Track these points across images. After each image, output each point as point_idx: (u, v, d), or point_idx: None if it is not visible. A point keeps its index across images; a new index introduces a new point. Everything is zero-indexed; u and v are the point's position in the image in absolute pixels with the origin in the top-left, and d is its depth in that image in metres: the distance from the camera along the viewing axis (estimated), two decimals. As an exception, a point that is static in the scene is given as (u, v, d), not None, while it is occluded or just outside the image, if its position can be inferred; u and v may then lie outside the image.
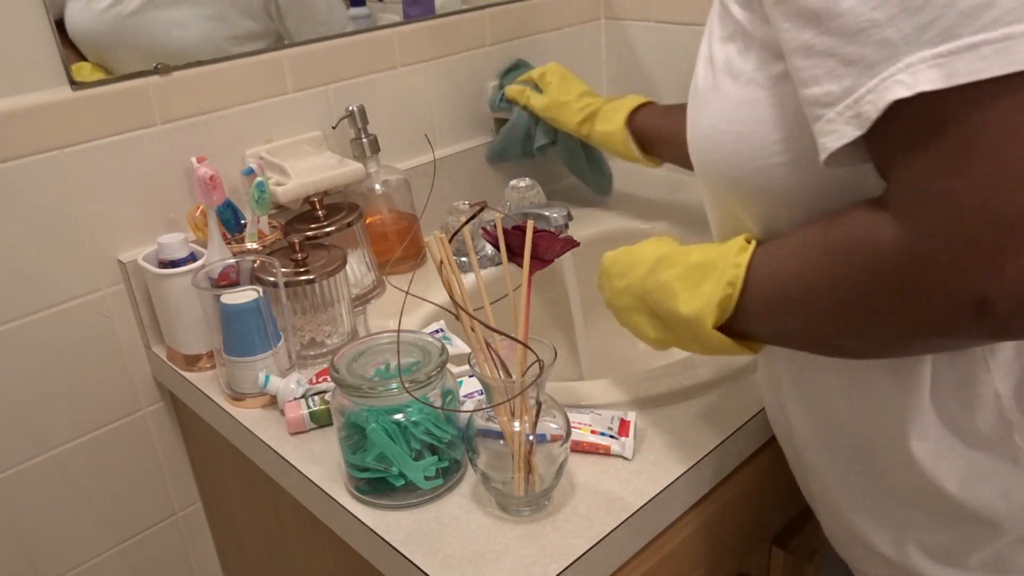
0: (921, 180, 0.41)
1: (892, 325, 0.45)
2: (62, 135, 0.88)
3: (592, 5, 1.33)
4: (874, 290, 0.44)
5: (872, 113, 0.40)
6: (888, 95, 0.39)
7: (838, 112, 0.42)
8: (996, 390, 0.51)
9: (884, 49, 0.40)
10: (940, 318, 0.42)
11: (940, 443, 0.54)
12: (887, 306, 0.44)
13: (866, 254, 0.44)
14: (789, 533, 0.89)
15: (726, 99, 0.53)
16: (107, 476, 1.01)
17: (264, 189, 0.91)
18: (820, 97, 0.43)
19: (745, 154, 0.52)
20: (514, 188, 1.11)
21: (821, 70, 0.43)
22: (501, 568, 0.63)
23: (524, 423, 0.65)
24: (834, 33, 0.42)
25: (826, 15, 0.42)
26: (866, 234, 0.44)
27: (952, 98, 0.38)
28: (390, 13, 1.12)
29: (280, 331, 0.86)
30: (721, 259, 0.55)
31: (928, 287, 0.41)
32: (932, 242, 0.40)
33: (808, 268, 0.49)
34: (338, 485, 0.73)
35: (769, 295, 0.53)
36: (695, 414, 0.78)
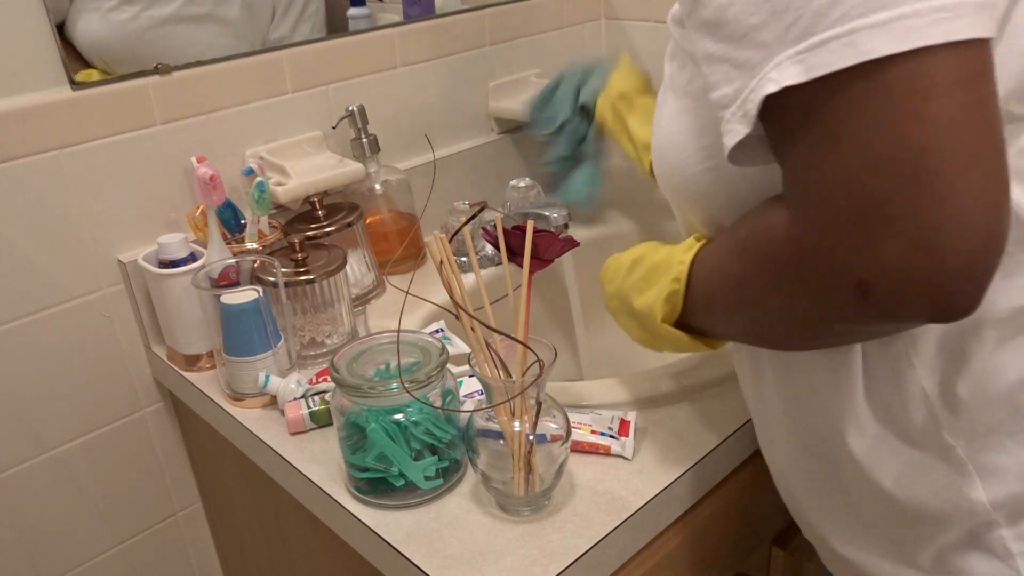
0: (798, 171, 0.43)
1: (794, 313, 0.47)
2: (62, 135, 0.88)
3: (592, 5, 1.33)
4: (773, 280, 0.47)
5: (753, 110, 0.43)
6: (761, 92, 0.42)
7: (731, 112, 0.44)
8: (923, 387, 0.52)
9: (761, 50, 0.42)
10: (829, 304, 0.44)
11: (876, 439, 0.54)
12: (786, 295, 0.46)
13: (763, 246, 0.47)
14: (789, 533, 0.89)
15: (667, 111, 0.57)
16: (107, 476, 1.01)
17: (264, 189, 0.91)
18: (719, 100, 0.45)
19: (680, 162, 0.56)
20: (514, 188, 1.11)
21: (719, 75, 0.45)
22: (501, 568, 0.63)
23: (524, 423, 0.65)
24: (725, 40, 0.44)
25: (718, 24, 0.45)
26: (764, 227, 0.47)
27: (813, 91, 0.40)
28: (390, 13, 1.12)
29: (280, 331, 0.86)
30: (672, 257, 0.59)
31: (814, 274, 0.43)
32: (812, 230, 0.42)
33: (726, 262, 0.53)
34: (338, 485, 0.73)
35: (703, 290, 0.57)
36: (695, 414, 0.78)
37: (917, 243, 0.38)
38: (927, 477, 0.53)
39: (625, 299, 0.65)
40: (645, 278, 0.63)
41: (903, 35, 0.38)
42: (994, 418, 0.51)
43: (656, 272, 0.61)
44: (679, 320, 0.60)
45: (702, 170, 0.54)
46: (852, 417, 0.54)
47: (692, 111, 0.54)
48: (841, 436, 0.55)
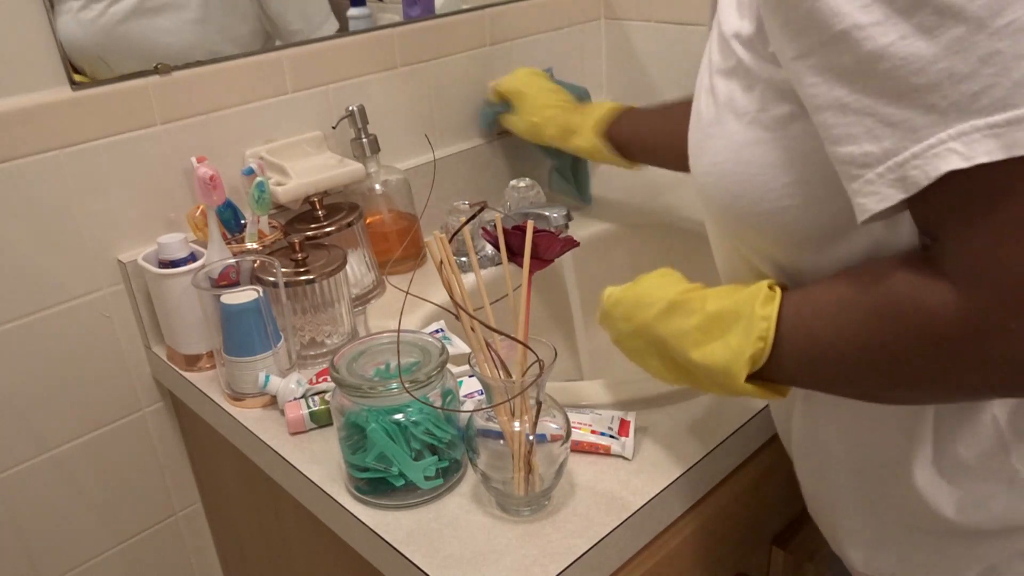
0: (981, 250, 0.40)
1: (950, 387, 0.45)
2: (62, 135, 0.88)
3: (592, 5, 1.33)
4: (928, 356, 0.44)
5: (921, 180, 0.40)
6: (941, 164, 0.39)
7: (879, 174, 0.41)
8: (994, 415, 0.52)
9: (930, 114, 0.39)
10: (1000, 382, 0.42)
11: (939, 471, 0.54)
12: (946, 372, 0.44)
13: (920, 321, 0.43)
14: (789, 533, 0.89)
15: (730, 137, 0.52)
16: (107, 476, 1.01)
17: (264, 189, 0.91)
18: (857, 157, 0.42)
19: (751, 195, 0.52)
20: (514, 188, 1.11)
21: (858, 129, 0.42)
22: (501, 568, 0.63)
23: (524, 423, 0.65)
24: (872, 93, 0.41)
25: (860, 76, 0.41)
26: (918, 300, 0.44)
27: (1012, 168, 0.38)
28: (390, 13, 1.12)
29: (280, 331, 0.86)
30: (745, 309, 0.54)
31: (989, 355, 0.41)
32: (994, 312, 0.40)
33: (851, 329, 0.48)
34: (338, 485, 0.73)
35: (806, 352, 0.51)
36: (695, 414, 0.78)
37: None
38: (991, 503, 0.54)
39: (660, 346, 0.60)
40: (703, 329, 0.56)
41: None
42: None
43: (720, 324, 0.55)
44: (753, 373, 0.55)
45: (786, 207, 0.50)
46: (919, 449, 0.54)
47: (771, 143, 0.50)
48: (905, 468, 0.55)
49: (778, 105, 0.49)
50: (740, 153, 0.52)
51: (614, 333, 0.66)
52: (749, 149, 0.51)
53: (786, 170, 0.49)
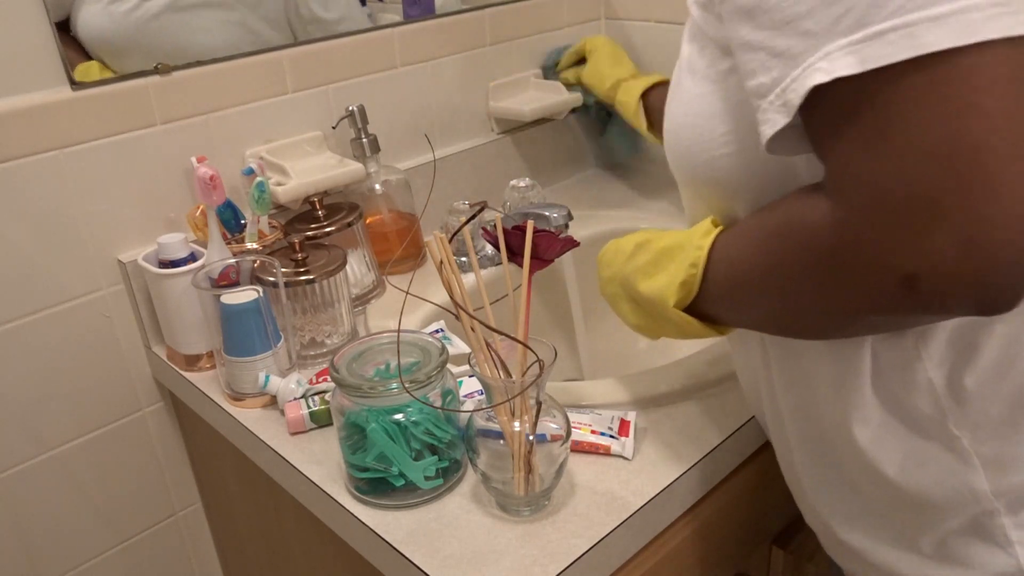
0: (845, 162, 0.42)
1: (831, 304, 0.47)
2: (62, 135, 0.88)
3: (592, 5, 1.33)
4: (811, 270, 0.46)
5: (795, 100, 0.42)
6: (808, 81, 0.42)
7: (770, 102, 0.44)
8: (930, 378, 0.52)
9: (806, 40, 0.42)
10: (872, 295, 0.43)
11: (881, 428, 0.55)
12: (824, 285, 0.46)
13: (802, 235, 0.46)
14: (789, 533, 0.89)
15: (685, 94, 0.56)
16: (107, 476, 1.01)
17: (264, 189, 0.91)
18: (756, 88, 0.45)
19: (697, 146, 0.55)
20: (514, 188, 1.11)
21: (756, 63, 0.45)
22: (501, 568, 0.63)
23: (524, 423, 0.65)
24: (764, 27, 0.44)
25: (757, 11, 0.44)
26: (802, 216, 0.46)
27: (866, 82, 0.40)
28: (390, 13, 1.12)
29: (280, 331, 0.86)
30: (687, 242, 0.58)
31: (858, 265, 0.43)
32: (858, 221, 0.42)
33: (755, 251, 0.52)
34: (338, 485, 0.73)
35: (725, 277, 0.55)
36: (695, 414, 0.78)
37: (969, 237, 0.38)
38: (931, 466, 0.54)
39: (627, 283, 0.64)
40: (653, 262, 0.61)
41: (963, 29, 0.38)
42: (1000, 410, 0.52)
43: (666, 256, 0.60)
44: (690, 306, 0.59)
45: (722, 155, 0.53)
46: (858, 406, 0.55)
47: (713, 95, 0.53)
48: (846, 424, 0.56)
49: (720, 60, 0.53)
50: (690, 106, 0.56)
51: (600, 282, 0.70)
52: (697, 102, 0.55)
53: (723, 119, 0.53)
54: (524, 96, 1.26)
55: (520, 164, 1.28)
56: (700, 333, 0.60)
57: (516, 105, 1.22)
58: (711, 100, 0.53)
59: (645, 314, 0.64)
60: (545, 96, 1.25)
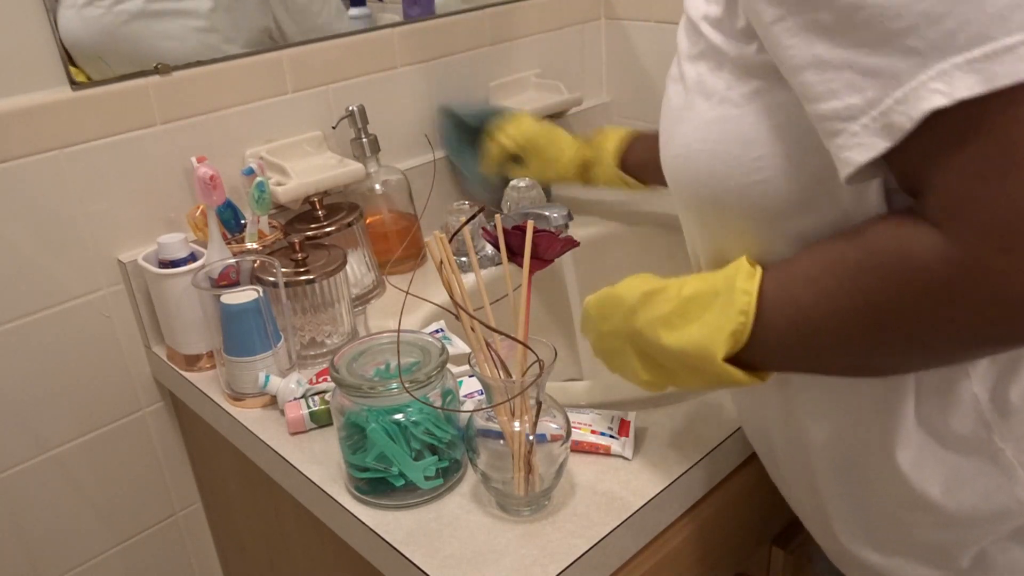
0: (966, 188, 0.40)
1: (942, 338, 0.44)
2: (62, 135, 0.88)
3: (592, 5, 1.33)
4: (921, 305, 0.43)
5: (905, 123, 0.40)
6: (923, 104, 0.39)
7: (863, 125, 0.41)
8: (974, 393, 0.52)
9: (909, 58, 0.39)
10: (996, 326, 0.41)
11: (922, 450, 0.54)
12: (937, 320, 0.43)
13: (908, 270, 0.43)
14: (789, 533, 0.89)
15: (699, 118, 0.53)
16: (107, 476, 1.01)
17: (264, 189, 0.91)
18: (840, 111, 0.42)
19: (721, 172, 0.52)
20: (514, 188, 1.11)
21: (838, 83, 0.42)
22: (501, 568, 0.63)
23: (524, 423, 0.65)
24: (851, 45, 0.41)
25: (839, 29, 0.41)
26: (904, 249, 0.43)
27: (992, 102, 0.38)
28: (390, 13, 1.12)
29: (280, 331, 0.86)
30: (724, 287, 0.53)
31: (982, 295, 0.40)
32: (984, 249, 0.39)
33: (838, 291, 0.47)
34: (338, 485, 0.73)
35: (791, 323, 0.50)
36: (695, 414, 0.78)
37: None
38: (976, 482, 0.53)
39: (639, 336, 0.59)
40: (679, 312, 0.55)
41: None
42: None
43: (697, 304, 0.54)
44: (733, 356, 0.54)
45: (756, 182, 0.50)
46: (900, 430, 0.53)
47: (740, 119, 0.50)
48: (888, 449, 0.54)
49: (746, 82, 0.50)
50: (708, 131, 0.52)
51: (593, 337, 0.65)
52: (717, 127, 0.51)
53: (753, 144, 0.50)
54: (524, 96, 1.26)
55: (520, 164, 1.28)
56: (743, 382, 0.54)
57: (516, 105, 1.22)
58: (736, 124, 0.50)
59: (662, 369, 0.59)
60: (545, 96, 1.25)
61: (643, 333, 0.58)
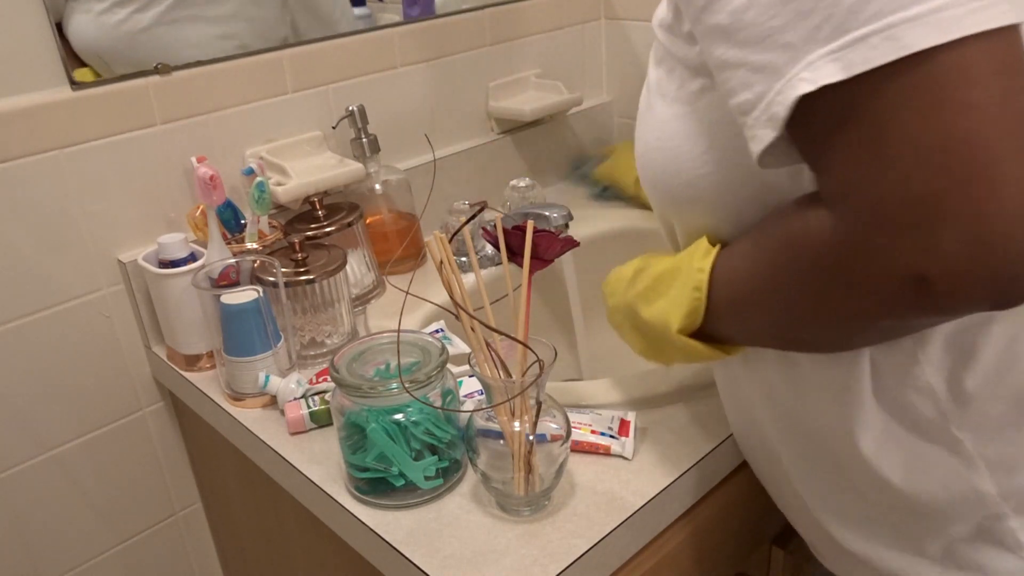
0: (841, 171, 0.42)
1: (840, 313, 0.46)
2: (62, 135, 0.88)
3: (592, 5, 1.33)
4: (817, 281, 0.46)
5: (782, 112, 0.42)
6: (792, 93, 0.41)
7: (755, 117, 0.44)
8: (929, 382, 0.52)
9: (786, 52, 0.42)
10: (883, 301, 0.43)
11: (884, 434, 0.55)
12: (833, 296, 0.46)
13: (804, 247, 0.46)
14: (789, 533, 0.88)
15: (656, 118, 0.56)
16: (107, 476, 1.01)
17: (264, 189, 0.91)
18: (740, 106, 0.45)
19: (672, 168, 0.55)
20: (514, 188, 1.11)
21: (736, 81, 0.45)
22: (501, 568, 0.63)
23: (524, 423, 0.65)
24: (741, 44, 0.44)
25: (733, 28, 0.44)
26: (804, 229, 0.46)
27: (853, 89, 0.40)
28: (390, 13, 1.12)
29: (280, 331, 0.86)
30: (686, 265, 0.57)
31: (867, 273, 0.42)
32: (863, 228, 0.41)
33: (759, 268, 0.51)
34: (338, 485, 0.73)
35: (729, 297, 0.55)
36: (695, 414, 0.78)
37: (976, 233, 0.38)
38: (936, 470, 0.54)
39: (630, 310, 0.63)
40: (652, 288, 0.61)
41: (942, 27, 0.38)
42: (1002, 411, 0.52)
43: (664, 281, 0.59)
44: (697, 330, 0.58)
45: (702, 175, 0.54)
46: (859, 413, 0.55)
47: (687, 116, 0.54)
48: (849, 432, 0.55)
49: (692, 81, 0.53)
50: (663, 129, 0.56)
51: (607, 312, 0.68)
52: (670, 124, 0.55)
53: (699, 140, 0.53)
54: (524, 96, 1.26)
55: (520, 164, 1.28)
56: (707, 356, 0.58)
57: (516, 105, 1.22)
58: (685, 122, 0.54)
59: (650, 340, 0.63)
60: (545, 96, 1.25)
61: (631, 307, 0.63)
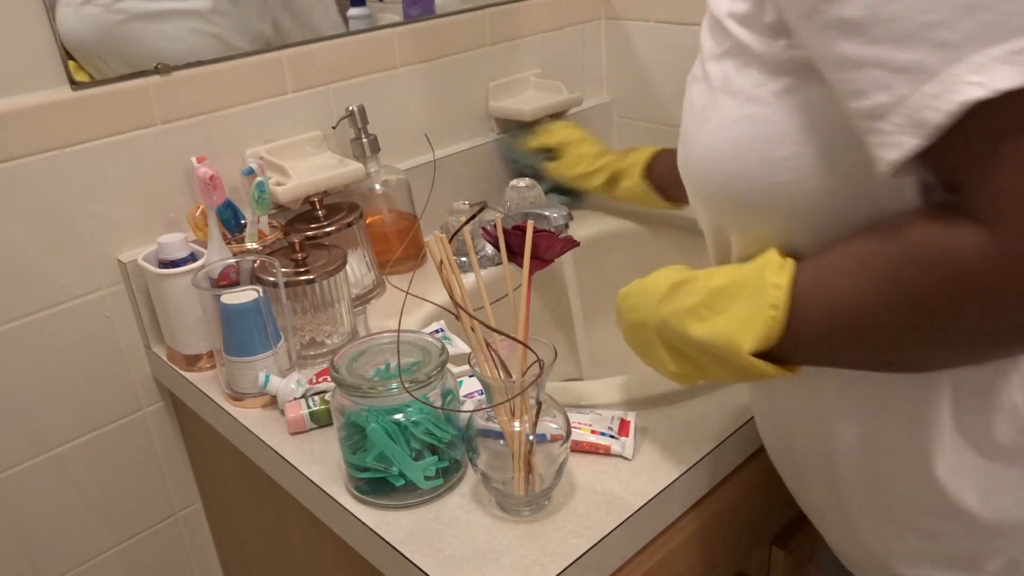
0: (1011, 183, 0.39)
1: (983, 332, 0.43)
2: (62, 135, 0.88)
3: (592, 5, 1.33)
4: (960, 300, 0.42)
5: (937, 118, 0.39)
6: (958, 97, 0.38)
7: (895, 123, 0.40)
8: (1016, 401, 0.51)
9: (942, 51, 0.38)
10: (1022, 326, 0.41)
11: (959, 458, 0.53)
12: (978, 314, 0.42)
13: (948, 263, 0.42)
14: (789, 533, 0.89)
15: (725, 117, 0.52)
16: (107, 476, 1.01)
17: (264, 189, 0.91)
18: (871, 109, 0.41)
19: (744, 172, 0.51)
20: (514, 188, 1.11)
21: (867, 81, 0.41)
22: (501, 568, 0.63)
23: (524, 423, 0.65)
24: (878, 41, 0.40)
25: (868, 23, 0.40)
26: (945, 243, 0.42)
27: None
28: (390, 13, 1.12)
29: (280, 331, 0.86)
30: (753, 279, 0.52)
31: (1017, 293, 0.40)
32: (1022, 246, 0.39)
33: (877, 283, 0.46)
34: (338, 485, 0.73)
35: (828, 317, 0.49)
36: (695, 414, 0.78)
37: None
38: (1014, 490, 0.53)
39: (665, 327, 0.58)
40: (706, 304, 0.54)
41: None
42: None
43: (725, 296, 0.53)
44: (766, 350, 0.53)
45: (785, 181, 0.49)
46: (938, 437, 0.52)
47: (765, 119, 0.49)
48: (924, 457, 0.53)
49: (775, 80, 0.48)
50: (735, 131, 0.51)
51: (623, 328, 0.64)
52: (744, 126, 0.50)
53: (783, 143, 0.49)
54: (524, 96, 1.26)
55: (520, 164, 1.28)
56: (771, 375, 0.53)
57: (516, 105, 1.22)
58: (764, 124, 0.49)
59: (688, 361, 0.58)
60: (545, 96, 1.25)
61: (669, 324, 0.57)
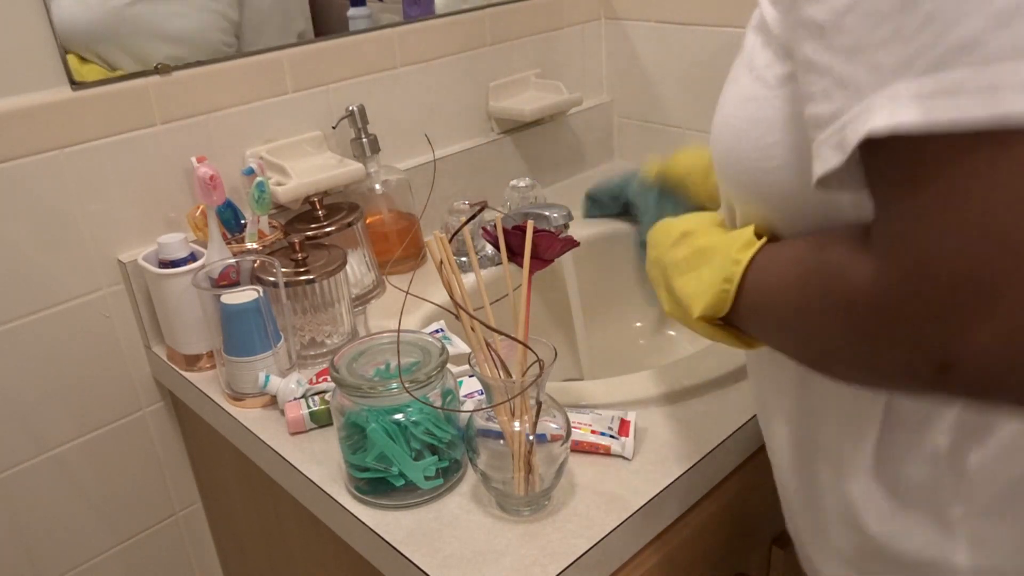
0: (900, 221, 0.38)
1: (855, 360, 0.43)
2: (62, 135, 0.88)
3: (592, 5, 1.33)
4: (841, 325, 0.42)
5: (852, 140, 0.37)
6: (865, 126, 0.36)
7: (826, 136, 0.39)
8: (937, 444, 0.50)
9: (872, 73, 0.37)
10: (898, 371, 0.40)
11: (874, 482, 0.53)
12: (852, 343, 0.42)
13: (839, 286, 0.42)
14: (789, 533, 0.89)
15: (738, 92, 0.51)
16: (107, 476, 1.01)
17: (264, 189, 0.91)
18: (813, 118, 0.41)
19: (738, 151, 0.51)
20: (514, 188, 1.11)
21: (817, 87, 0.40)
22: (501, 568, 0.63)
23: (524, 423, 0.65)
24: (833, 49, 0.39)
25: (828, 30, 0.39)
26: (842, 265, 0.42)
27: (940, 142, 0.35)
28: (390, 13, 1.12)
29: (280, 331, 0.86)
30: (723, 249, 0.53)
31: (893, 338, 0.39)
32: (903, 290, 0.38)
33: (788, 285, 0.47)
34: (338, 485, 0.73)
35: (752, 301, 0.52)
36: (695, 414, 0.78)
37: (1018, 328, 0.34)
38: (914, 533, 0.52)
39: (665, 272, 0.60)
40: (689, 259, 0.57)
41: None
42: (997, 494, 0.49)
43: (702, 257, 0.56)
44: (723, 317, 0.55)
45: (769, 168, 0.49)
46: (858, 455, 0.53)
47: (763, 102, 0.48)
48: (841, 469, 0.54)
49: (781, 64, 0.47)
50: (741, 106, 0.51)
51: (647, 262, 0.66)
52: (748, 104, 0.50)
53: (772, 130, 0.48)
54: (524, 96, 1.26)
55: (520, 164, 1.28)
56: (727, 342, 0.55)
57: (516, 105, 1.22)
58: (760, 107, 0.49)
59: (676, 306, 0.60)
60: (545, 96, 1.25)
61: (668, 269, 0.60)
